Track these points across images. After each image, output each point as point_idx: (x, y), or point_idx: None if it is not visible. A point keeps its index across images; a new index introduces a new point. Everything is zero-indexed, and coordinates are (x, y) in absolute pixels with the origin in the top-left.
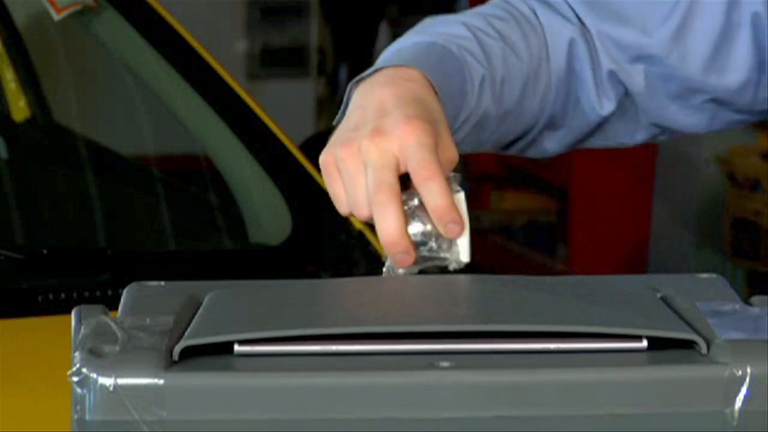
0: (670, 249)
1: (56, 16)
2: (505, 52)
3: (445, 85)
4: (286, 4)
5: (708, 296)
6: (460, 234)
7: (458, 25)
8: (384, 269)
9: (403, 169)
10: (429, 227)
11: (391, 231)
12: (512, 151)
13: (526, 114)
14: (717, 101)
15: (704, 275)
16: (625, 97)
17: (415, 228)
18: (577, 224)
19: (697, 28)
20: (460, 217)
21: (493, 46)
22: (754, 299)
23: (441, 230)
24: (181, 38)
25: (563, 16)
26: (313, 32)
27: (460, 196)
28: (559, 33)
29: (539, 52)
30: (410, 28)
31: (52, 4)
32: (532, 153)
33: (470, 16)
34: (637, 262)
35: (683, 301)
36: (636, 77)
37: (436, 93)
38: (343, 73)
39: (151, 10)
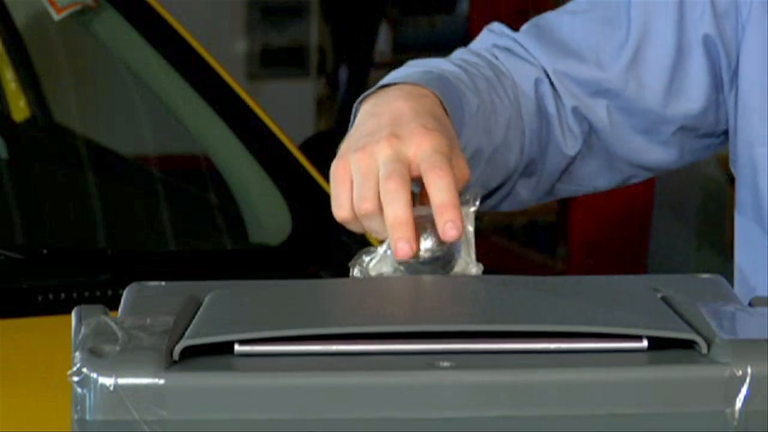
0: (670, 249)
1: (56, 16)
2: (489, 90)
3: (451, 109)
4: (286, 4)
5: (708, 296)
6: (456, 237)
7: (446, 63)
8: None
9: (415, 172)
10: (429, 243)
11: (398, 215)
12: (490, 203)
13: (511, 157)
14: (684, 129)
15: (704, 275)
16: (591, 134)
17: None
18: (577, 224)
19: (650, 59)
20: (461, 221)
21: (479, 84)
22: (754, 299)
23: (439, 229)
24: (181, 38)
25: (524, 59)
26: (313, 32)
27: (468, 211)
28: (526, 76)
29: (514, 96)
30: (410, 28)
31: (52, 4)
32: (508, 205)
33: (452, 59)
34: (637, 262)
35: (683, 301)
36: (599, 112)
37: (447, 114)
38: (343, 73)
39: (151, 10)
